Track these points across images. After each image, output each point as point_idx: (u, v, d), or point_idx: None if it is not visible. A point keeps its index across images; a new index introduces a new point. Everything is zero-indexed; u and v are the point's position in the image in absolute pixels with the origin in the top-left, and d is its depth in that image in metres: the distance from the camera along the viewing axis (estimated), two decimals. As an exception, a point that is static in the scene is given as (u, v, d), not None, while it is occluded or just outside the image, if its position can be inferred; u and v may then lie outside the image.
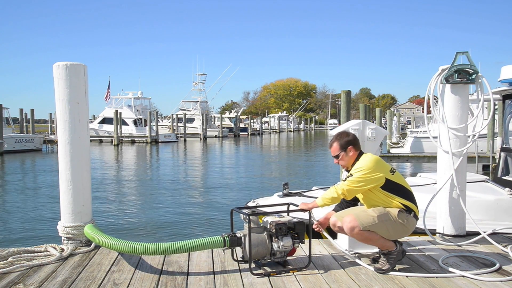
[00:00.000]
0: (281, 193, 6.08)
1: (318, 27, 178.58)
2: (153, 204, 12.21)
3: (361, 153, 3.57)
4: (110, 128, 43.25)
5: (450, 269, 3.47)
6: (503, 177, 5.88)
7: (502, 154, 6.14)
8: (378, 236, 3.39)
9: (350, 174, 3.46)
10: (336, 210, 3.75)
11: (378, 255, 3.62)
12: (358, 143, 3.61)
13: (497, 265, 3.54)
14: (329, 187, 6.40)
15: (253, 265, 3.47)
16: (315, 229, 3.72)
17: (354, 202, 3.74)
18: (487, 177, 5.85)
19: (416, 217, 3.53)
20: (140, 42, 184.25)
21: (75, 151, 4.05)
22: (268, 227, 3.48)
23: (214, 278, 3.36)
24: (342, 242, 4.04)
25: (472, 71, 4.32)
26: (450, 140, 4.38)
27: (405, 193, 3.49)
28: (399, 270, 3.47)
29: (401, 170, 20.74)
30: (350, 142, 3.55)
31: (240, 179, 17.80)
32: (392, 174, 3.45)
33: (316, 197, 5.75)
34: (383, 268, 3.42)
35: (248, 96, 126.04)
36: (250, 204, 5.86)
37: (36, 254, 3.88)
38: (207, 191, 14.84)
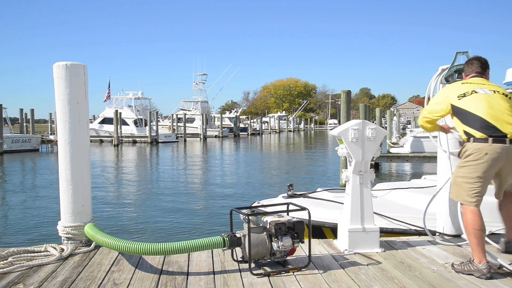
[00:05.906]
0: (285, 194, 6.04)
1: (318, 27, 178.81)
2: (154, 204, 12.21)
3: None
4: (110, 128, 43.23)
5: (450, 269, 3.47)
6: None
7: None
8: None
9: None
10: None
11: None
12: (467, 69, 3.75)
13: (497, 265, 3.54)
14: (333, 189, 6.42)
15: (253, 265, 3.47)
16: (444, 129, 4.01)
17: None
18: None
19: (479, 140, 3.25)
20: (140, 42, 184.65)
21: (75, 151, 4.06)
22: (268, 227, 3.48)
23: (214, 278, 3.36)
24: (342, 242, 4.04)
25: (472, 71, 4.31)
26: (449, 140, 4.38)
27: (468, 119, 3.33)
28: (399, 270, 3.47)
29: (401, 170, 20.77)
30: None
31: (241, 180, 17.80)
32: (460, 99, 3.40)
33: (321, 199, 5.77)
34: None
35: (248, 96, 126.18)
36: (255, 205, 5.84)
37: (36, 254, 3.88)
38: (208, 191, 14.85)
